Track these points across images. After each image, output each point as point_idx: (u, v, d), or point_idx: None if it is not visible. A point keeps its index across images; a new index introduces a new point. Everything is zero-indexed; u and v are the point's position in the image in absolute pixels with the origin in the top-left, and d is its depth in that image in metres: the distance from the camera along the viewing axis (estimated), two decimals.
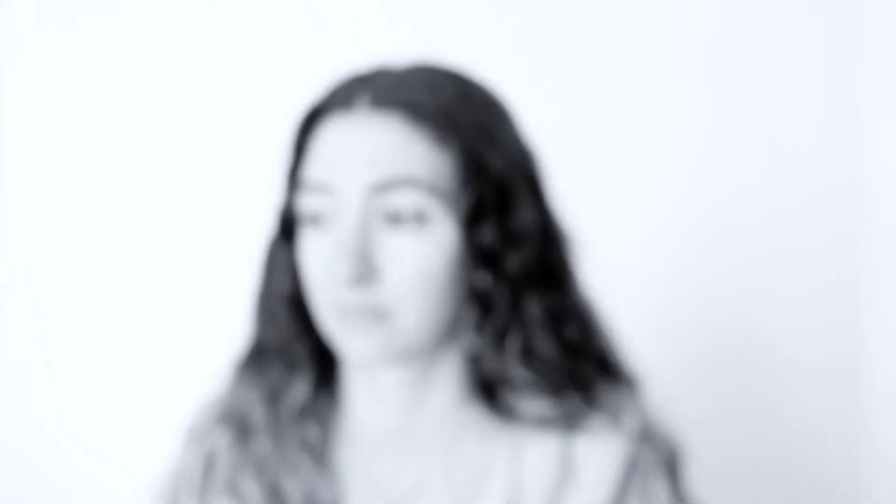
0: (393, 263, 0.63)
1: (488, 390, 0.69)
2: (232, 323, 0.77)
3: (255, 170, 1.09)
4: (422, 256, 0.64)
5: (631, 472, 0.66)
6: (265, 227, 0.75)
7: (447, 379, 0.70)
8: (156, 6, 1.30)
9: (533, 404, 0.68)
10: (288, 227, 0.70)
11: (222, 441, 0.72)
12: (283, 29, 1.27)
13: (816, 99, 1.22)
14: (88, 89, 1.31)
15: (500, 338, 0.67)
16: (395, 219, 0.63)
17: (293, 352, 0.71)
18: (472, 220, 0.65)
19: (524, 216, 0.67)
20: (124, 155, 1.30)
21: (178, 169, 1.29)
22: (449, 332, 0.68)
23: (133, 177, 1.30)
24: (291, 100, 0.72)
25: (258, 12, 1.28)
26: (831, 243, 1.23)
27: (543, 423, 0.67)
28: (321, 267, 0.65)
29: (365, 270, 0.63)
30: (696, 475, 0.73)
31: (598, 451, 0.66)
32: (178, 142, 1.29)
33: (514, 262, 0.66)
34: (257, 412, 0.70)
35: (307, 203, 0.66)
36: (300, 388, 0.70)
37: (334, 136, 0.65)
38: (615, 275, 0.75)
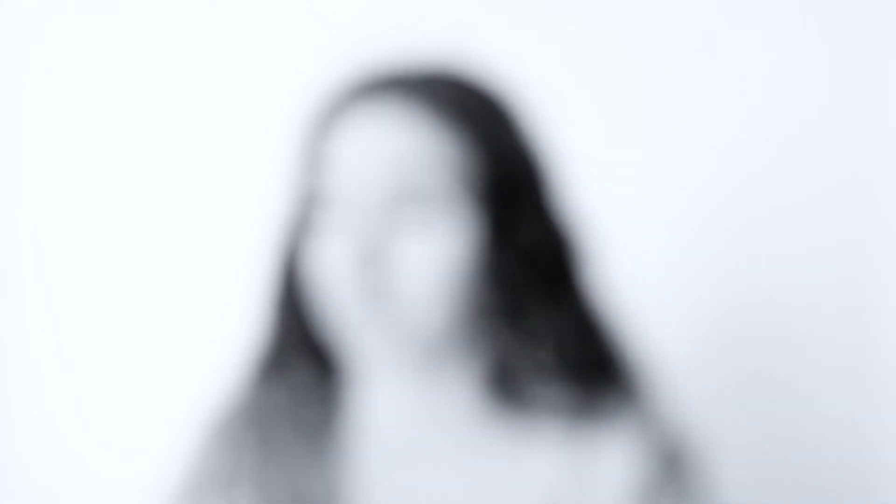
0: (406, 259, 0.63)
1: (503, 388, 0.69)
2: (244, 319, 0.76)
3: (262, 167, 1.09)
4: (435, 253, 0.64)
5: (648, 471, 0.66)
6: (274, 224, 0.75)
7: (461, 377, 0.70)
8: (157, 5, 1.30)
9: (549, 403, 0.68)
10: (298, 224, 0.70)
11: (248, 441, 0.72)
12: (288, 26, 1.27)
13: (821, 78, 1.21)
14: (90, 87, 1.31)
15: (512, 335, 0.67)
16: (408, 216, 0.64)
17: (308, 349, 0.71)
18: (485, 219, 0.65)
19: (537, 213, 0.67)
20: (132, 151, 1.30)
21: (187, 163, 1.29)
22: (462, 328, 0.68)
23: (144, 170, 1.30)
24: (297, 99, 0.72)
25: (261, 10, 1.28)
26: (847, 228, 1.22)
27: (559, 422, 0.67)
28: (334, 275, 0.65)
29: (378, 267, 0.63)
30: (714, 472, 0.73)
31: (616, 451, 0.66)
32: (183, 138, 1.29)
33: (527, 258, 0.67)
34: (273, 409, 0.71)
35: (320, 202, 0.66)
36: (323, 389, 0.71)
37: (348, 145, 0.65)
38: (627, 270, 0.75)
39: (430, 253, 0.64)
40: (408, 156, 0.64)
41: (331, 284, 0.65)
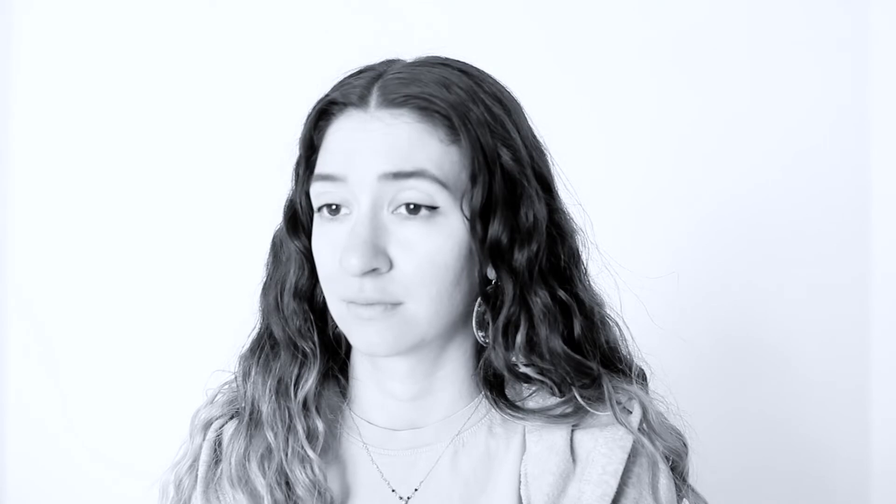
0: (404, 255, 0.63)
1: (495, 383, 0.69)
2: (235, 327, 0.76)
3: (258, 168, 1.09)
4: (433, 248, 0.64)
5: (634, 464, 0.67)
6: (268, 225, 0.75)
7: (455, 371, 0.70)
8: (161, 7, 1.30)
9: (539, 397, 0.69)
10: (295, 221, 0.70)
11: (228, 430, 0.72)
12: (290, 28, 1.27)
13: (826, 105, 1.22)
14: (90, 88, 1.32)
15: (507, 331, 0.67)
16: (406, 211, 0.64)
17: (301, 344, 0.71)
18: (482, 214, 0.65)
19: (533, 210, 0.67)
20: (128, 157, 1.31)
21: (181, 170, 1.30)
22: (458, 325, 0.68)
23: (135, 179, 1.30)
24: (295, 100, 0.72)
25: (263, 13, 1.28)
26: (839, 245, 1.23)
27: (550, 415, 0.67)
28: (334, 258, 0.65)
29: (376, 262, 0.63)
30: (700, 472, 0.73)
31: (604, 443, 0.66)
32: (182, 142, 1.30)
33: (522, 256, 0.66)
34: (265, 403, 0.70)
35: (321, 195, 0.66)
36: (308, 380, 0.70)
37: (347, 130, 0.65)
38: (624, 272, 0.75)
39: (427, 234, 0.64)
40: (408, 139, 0.64)
41: (331, 267, 0.66)
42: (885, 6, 1.22)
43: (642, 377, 0.73)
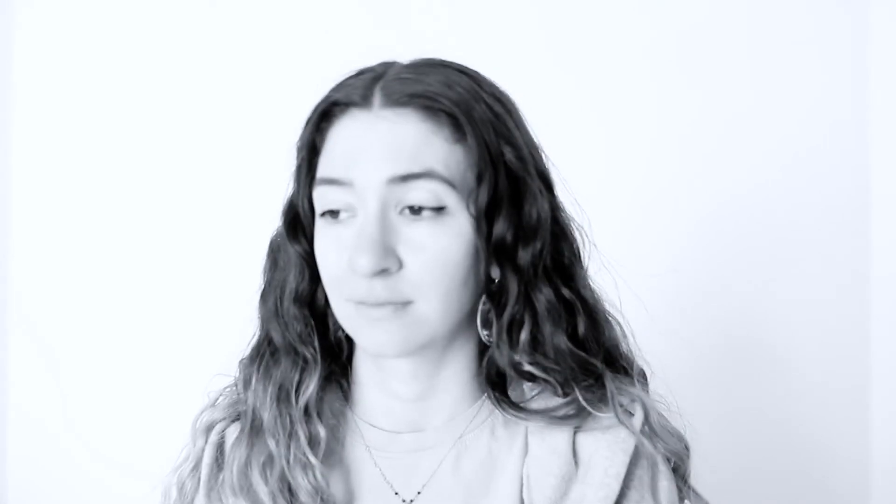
0: (413, 255, 0.63)
1: (499, 383, 0.69)
2: (237, 327, 0.76)
3: (258, 171, 1.09)
4: (441, 248, 0.63)
5: (636, 466, 0.67)
6: (271, 227, 0.75)
7: (458, 372, 0.70)
8: (161, 8, 1.30)
9: (543, 398, 0.68)
10: (296, 224, 0.70)
11: (230, 433, 0.72)
12: (290, 31, 1.27)
13: (826, 105, 1.22)
14: (92, 100, 1.31)
15: (511, 328, 0.67)
16: (414, 211, 0.63)
17: (302, 349, 0.70)
18: (487, 212, 0.65)
19: (537, 208, 0.67)
20: (127, 154, 1.31)
21: (180, 169, 1.29)
22: (462, 324, 0.68)
23: (135, 179, 1.30)
24: (295, 101, 0.71)
25: (263, 15, 1.28)
26: (839, 245, 1.23)
27: (552, 416, 0.67)
28: (342, 260, 0.65)
29: (386, 262, 0.62)
30: (700, 473, 0.73)
31: (606, 445, 0.66)
32: (180, 144, 1.29)
33: (526, 253, 0.66)
34: (266, 411, 0.70)
35: (326, 198, 0.65)
36: (309, 386, 0.70)
37: (351, 132, 0.65)
38: (624, 271, 0.75)
39: (434, 234, 0.64)
40: (413, 139, 0.63)
41: (338, 269, 0.65)
42: (885, 6, 1.22)
43: (643, 377, 0.73)
